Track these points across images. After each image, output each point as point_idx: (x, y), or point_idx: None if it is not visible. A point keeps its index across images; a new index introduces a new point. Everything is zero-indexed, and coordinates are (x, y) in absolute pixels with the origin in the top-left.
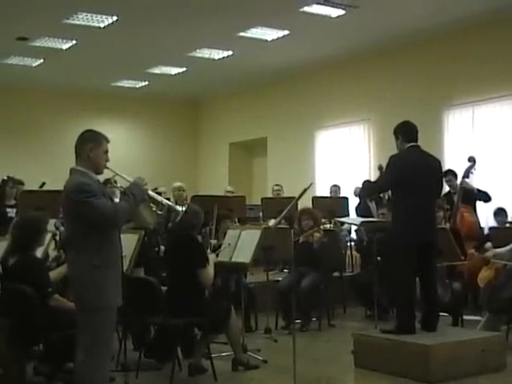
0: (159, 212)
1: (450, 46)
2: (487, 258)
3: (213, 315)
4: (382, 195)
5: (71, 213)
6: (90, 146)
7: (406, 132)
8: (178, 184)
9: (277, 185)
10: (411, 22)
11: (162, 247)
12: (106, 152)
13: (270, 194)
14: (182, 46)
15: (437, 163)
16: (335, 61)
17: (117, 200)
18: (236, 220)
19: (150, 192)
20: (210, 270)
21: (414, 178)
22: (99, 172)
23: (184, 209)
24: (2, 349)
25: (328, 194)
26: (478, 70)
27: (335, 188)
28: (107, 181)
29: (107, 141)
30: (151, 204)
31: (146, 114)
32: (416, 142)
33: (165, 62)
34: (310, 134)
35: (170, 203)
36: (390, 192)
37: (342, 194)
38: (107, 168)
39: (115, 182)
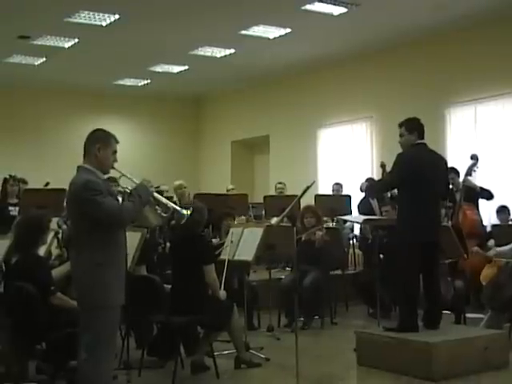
0: (164, 214)
1: (452, 43)
2: (489, 258)
3: (215, 313)
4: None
5: (77, 210)
6: (99, 146)
7: (419, 128)
8: (177, 182)
9: (280, 183)
10: (413, 19)
11: (168, 244)
12: (115, 152)
13: (272, 192)
14: (184, 44)
15: (443, 162)
16: (337, 59)
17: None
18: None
19: (156, 194)
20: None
21: (421, 177)
22: (106, 172)
23: (189, 212)
24: (5, 347)
25: (330, 192)
26: (481, 67)
27: (337, 186)
28: (111, 179)
29: (116, 141)
30: (156, 206)
31: (148, 113)
32: (423, 139)
33: (167, 60)
34: (313, 132)
35: (175, 206)
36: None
37: (344, 192)
38: (114, 168)
39: (118, 179)
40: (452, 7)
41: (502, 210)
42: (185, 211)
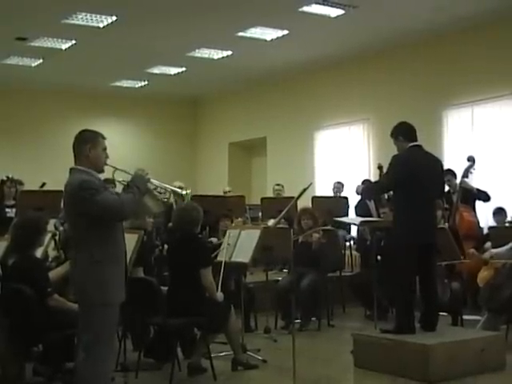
0: (164, 199)
1: (449, 45)
2: (485, 260)
3: (212, 315)
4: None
5: (75, 211)
6: (89, 146)
7: (405, 132)
8: (177, 184)
9: (278, 184)
10: (410, 21)
11: (165, 246)
12: (105, 149)
13: (269, 194)
14: (182, 45)
15: (438, 164)
16: (334, 61)
17: None
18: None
19: (153, 180)
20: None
21: (415, 178)
22: (100, 170)
23: (189, 191)
24: (2, 349)
25: (328, 194)
26: (477, 69)
27: (338, 185)
28: (107, 180)
29: (104, 138)
30: (155, 193)
31: (145, 114)
32: (416, 141)
33: (164, 61)
34: (310, 134)
35: (173, 188)
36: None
37: (344, 192)
38: (107, 164)
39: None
40: (449, 9)
41: (498, 212)
42: (184, 192)
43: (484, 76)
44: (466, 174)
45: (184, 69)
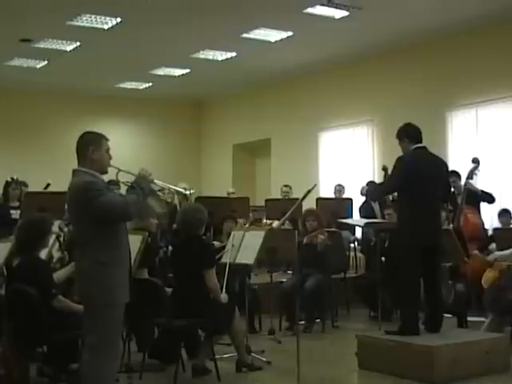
0: (168, 200)
1: (453, 46)
2: (490, 262)
3: (217, 316)
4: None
5: (80, 212)
6: (92, 148)
7: (411, 133)
8: (182, 185)
9: (286, 186)
10: (414, 23)
11: (170, 247)
12: (108, 151)
13: (273, 196)
14: (186, 47)
15: (443, 166)
16: (339, 62)
17: None
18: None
19: (157, 181)
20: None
21: (420, 180)
22: (104, 171)
23: (192, 191)
24: (6, 349)
25: (332, 195)
26: (482, 70)
27: (339, 187)
28: (111, 182)
29: (107, 139)
30: (158, 193)
31: (149, 116)
32: (421, 142)
33: (168, 63)
34: (314, 135)
35: (176, 188)
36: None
37: (345, 195)
38: (110, 165)
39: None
40: (453, 11)
41: (503, 214)
42: (187, 191)
43: (488, 77)
44: (470, 175)
45: (188, 70)
